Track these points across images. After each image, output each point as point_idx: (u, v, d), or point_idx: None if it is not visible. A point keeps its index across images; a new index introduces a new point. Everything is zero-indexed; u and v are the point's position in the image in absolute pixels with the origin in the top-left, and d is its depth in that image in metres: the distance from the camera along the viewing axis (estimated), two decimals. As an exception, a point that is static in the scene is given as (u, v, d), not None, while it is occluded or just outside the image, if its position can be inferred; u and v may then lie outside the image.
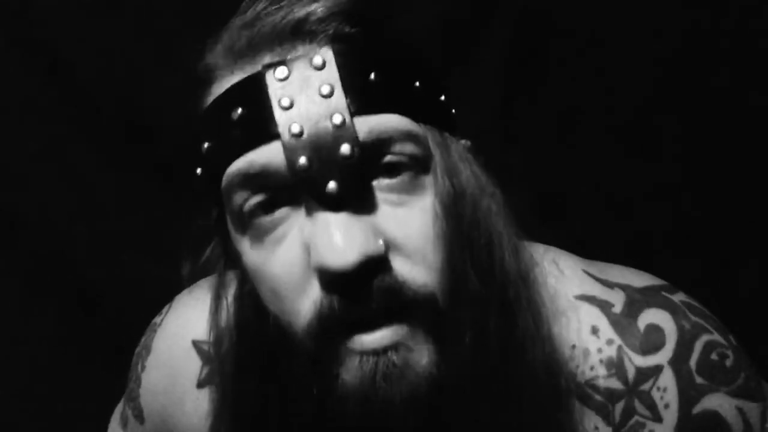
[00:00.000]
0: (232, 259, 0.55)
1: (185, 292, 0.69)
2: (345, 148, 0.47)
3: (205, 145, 0.51)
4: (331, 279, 0.47)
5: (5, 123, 1.05)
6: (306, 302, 0.49)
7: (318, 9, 0.50)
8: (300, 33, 0.49)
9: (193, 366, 0.64)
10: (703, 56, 1.02)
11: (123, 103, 1.04)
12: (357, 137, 0.47)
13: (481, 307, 0.50)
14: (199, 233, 0.58)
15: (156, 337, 0.67)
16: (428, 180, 0.50)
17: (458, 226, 0.50)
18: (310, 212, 0.48)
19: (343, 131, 0.47)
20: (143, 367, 0.67)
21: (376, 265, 0.47)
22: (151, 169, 1.07)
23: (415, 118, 0.50)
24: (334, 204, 0.47)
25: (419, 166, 0.50)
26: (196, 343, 0.64)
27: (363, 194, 0.48)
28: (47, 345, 1.08)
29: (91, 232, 1.07)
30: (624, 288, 0.58)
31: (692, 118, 1.03)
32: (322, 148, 0.47)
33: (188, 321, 0.66)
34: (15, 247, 1.07)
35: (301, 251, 0.49)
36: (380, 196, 0.49)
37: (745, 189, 1.04)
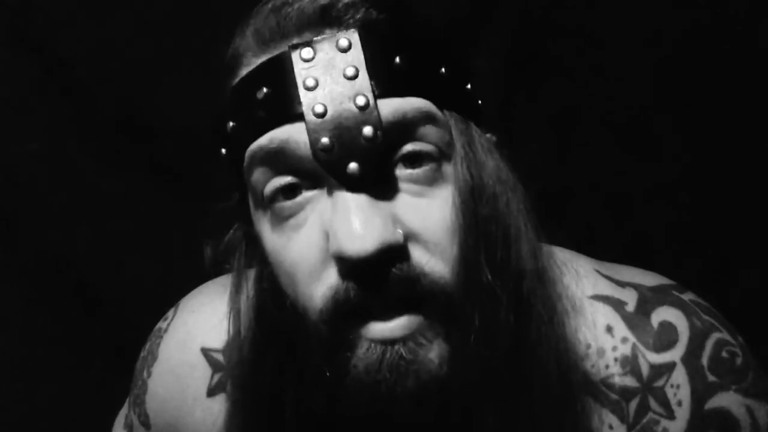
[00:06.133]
0: (253, 243, 0.56)
1: (190, 296, 0.68)
2: (368, 130, 0.47)
3: (230, 124, 0.52)
4: (349, 266, 0.47)
5: (5, 123, 1.05)
6: (322, 288, 0.49)
7: None
8: (327, 18, 0.50)
9: (202, 374, 0.63)
10: (703, 56, 1.02)
11: (123, 103, 1.05)
12: (380, 120, 0.47)
13: (493, 301, 0.49)
14: (221, 217, 0.58)
15: (162, 343, 0.66)
16: (449, 169, 0.50)
17: (475, 219, 0.50)
18: (330, 193, 0.48)
19: (366, 113, 0.47)
20: (149, 374, 0.66)
21: (394, 253, 0.47)
22: (151, 169, 1.07)
23: (439, 104, 0.50)
24: (354, 186, 0.47)
25: (441, 155, 0.50)
26: (205, 351, 0.64)
27: (384, 179, 0.48)
28: (47, 345, 1.08)
29: (91, 232, 1.07)
30: (636, 287, 0.58)
31: (692, 118, 1.03)
32: (344, 129, 0.47)
33: (196, 328, 0.65)
34: (15, 247, 1.07)
35: (320, 237, 0.49)
36: (401, 185, 0.49)
37: (745, 189, 1.04)
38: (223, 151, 0.54)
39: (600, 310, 0.57)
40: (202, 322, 0.64)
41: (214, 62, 0.54)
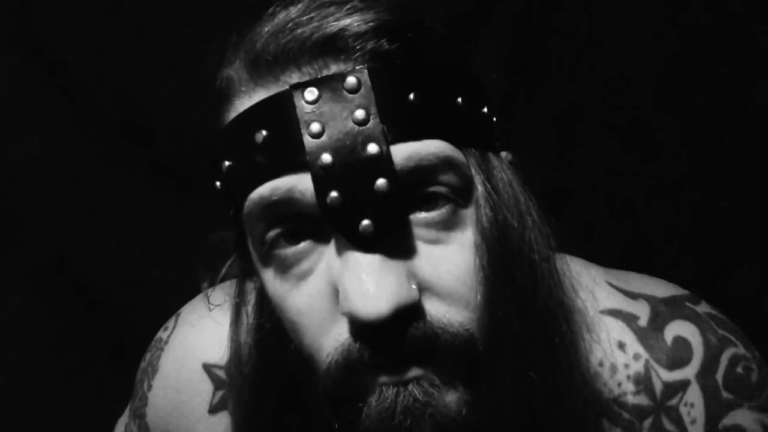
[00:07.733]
0: (251, 278, 0.53)
1: (191, 307, 0.66)
2: (381, 183, 0.43)
3: (226, 163, 0.48)
4: (360, 326, 0.44)
5: (5, 123, 1.05)
6: (330, 341, 0.46)
7: (354, 23, 0.45)
8: (333, 49, 0.45)
9: (204, 391, 0.61)
10: (703, 57, 1.02)
11: (123, 103, 1.05)
12: (394, 169, 0.43)
13: (524, 349, 0.46)
14: (217, 245, 0.55)
15: (163, 356, 0.64)
16: (469, 212, 0.46)
17: (501, 262, 0.46)
18: (340, 251, 0.44)
19: (379, 163, 0.43)
20: (149, 387, 0.64)
21: (410, 312, 0.44)
22: (151, 169, 1.07)
23: (457, 142, 0.46)
24: (367, 244, 0.43)
25: (460, 197, 0.46)
26: (207, 367, 0.61)
27: (398, 231, 0.44)
28: (47, 345, 1.08)
29: (91, 233, 1.07)
30: (648, 299, 0.56)
31: (692, 118, 1.03)
32: (355, 181, 0.43)
33: (197, 342, 0.62)
34: (15, 247, 1.07)
35: (328, 289, 0.46)
36: (416, 232, 0.45)
37: (745, 189, 1.04)
38: (218, 184, 0.50)
39: (612, 326, 0.55)
40: (205, 337, 0.62)
41: (213, 63, 0.51)
